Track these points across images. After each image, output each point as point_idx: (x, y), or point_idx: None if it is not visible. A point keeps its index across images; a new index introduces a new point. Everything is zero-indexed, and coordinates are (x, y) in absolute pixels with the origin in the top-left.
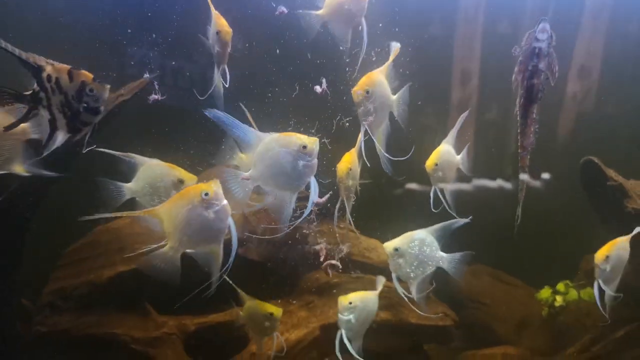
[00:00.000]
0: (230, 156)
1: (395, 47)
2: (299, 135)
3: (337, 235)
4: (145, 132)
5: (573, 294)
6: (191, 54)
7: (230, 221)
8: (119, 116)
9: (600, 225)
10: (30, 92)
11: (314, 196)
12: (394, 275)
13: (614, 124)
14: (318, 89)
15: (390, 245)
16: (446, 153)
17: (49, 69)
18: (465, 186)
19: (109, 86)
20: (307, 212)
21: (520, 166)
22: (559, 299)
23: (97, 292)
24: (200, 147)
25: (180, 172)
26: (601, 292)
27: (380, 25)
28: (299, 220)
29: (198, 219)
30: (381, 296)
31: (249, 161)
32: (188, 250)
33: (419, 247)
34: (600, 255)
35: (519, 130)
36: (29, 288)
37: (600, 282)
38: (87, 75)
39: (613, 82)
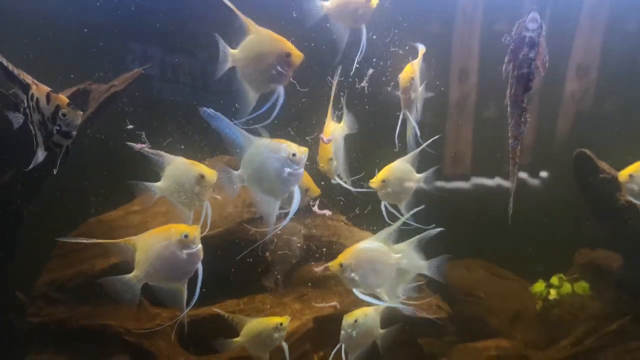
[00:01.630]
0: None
1: (421, 48)
2: (289, 143)
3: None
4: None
5: (567, 287)
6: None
7: (200, 267)
8: (111, 107)
9: (593, 218)
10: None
11: (295, 206)
12: (355, 291)
13: (612, 122)
14: (324, 138)
15: (335, 263)
16: (399, 170)
17: (33, 88)
18: (463, 184)
19: (81, 112)
20: (286, 221)
21: (511, 157)
22: (552, 293)
23: (90, 284)
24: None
25: (201, 168)
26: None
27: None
28: (279, 226)
29: (170, 257)
30: None
31: None
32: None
33: (368, 257)
34: (623, 174)
35: (509, 121)
36: (23, 279)
37: (632, 198)
38: (62, 99)
39: (611, 80)
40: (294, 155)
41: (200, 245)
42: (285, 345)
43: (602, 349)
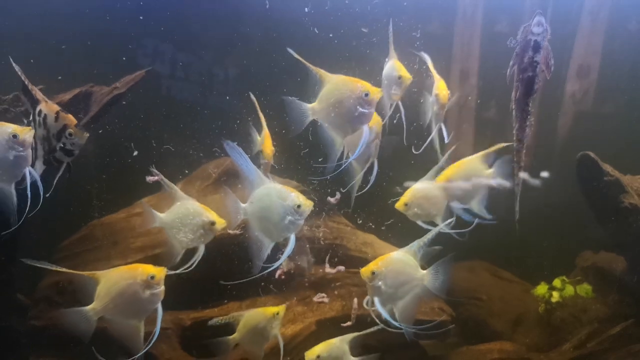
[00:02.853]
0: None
1: (427, 59)
2: (298, 194)
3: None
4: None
5: (569, 290)
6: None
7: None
8: (113, 109)
9: (596, 221)
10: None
11: (287, 252)
12: (376, 300)
13: (613, 122)
14: (331, 200)
15: (367, 269)
16: (421, 191)
17: (42, 105)
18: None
19: (87, 134)
20: (277, 263)
21: (516, 160)
22: (555, 295)
23: None
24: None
25: (212, 215)
26: None
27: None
28: (270, 268)
29: (133, 295)
30: None
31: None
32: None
33: (398, 268)
34: None
35: (514, 124)
36: (25, 282)
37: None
38: (71, 119)
39: (612, 80)
40: (299, 206)
41: (162, 287)
42: (280, 338)
43: (605, 352)
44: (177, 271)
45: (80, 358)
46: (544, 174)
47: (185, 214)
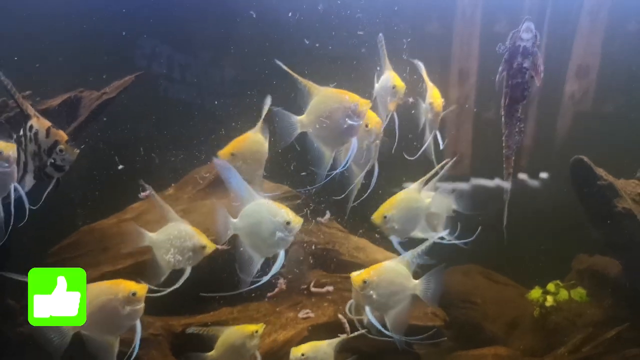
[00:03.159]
0: None
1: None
2: (288, 210)
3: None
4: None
5: (564, 294)
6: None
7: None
8: (102, 114)
9: (590, 224)
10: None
11: (275, 268)
12: (367, 309)
13: (612, 124)
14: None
15: (359, 277)
16: (405, 201)
17: (33, 120)
18: (462, 185)
19: (77, 151)
20: (265, 278)
21: (505, 167)
22: (549, 299)
23: None
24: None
25: (203, 239)
26: None
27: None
28: (257, 284)
29: (112, 310)
30: None
31: None
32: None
33: (390, 277)
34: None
35: (503, 130)
36: (14, 287)
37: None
38: (62, 135)
39: (611, 81)
40: (288, 223)
41: (142, 304)
42: (258, 356)
43: (600, 356)
44: (161, 293)
45: None
46: (542, 175)
47: (176, 235)
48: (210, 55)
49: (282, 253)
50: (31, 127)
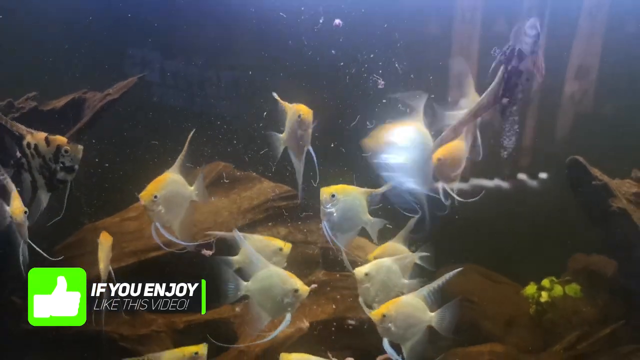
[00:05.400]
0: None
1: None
2: (297, 279)
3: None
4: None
5: (558, 289)
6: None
7: None
8: (106, 115)
9: (587, 224)
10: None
11: (282, 326)
12: (385, 340)
13: (611, 124)
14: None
15: (378, 312)
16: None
17: (28, 137)
18: (463, 185)
19: (81, 147)
20: (273, 335)
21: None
22: (544, 295)
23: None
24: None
25: (277, 242)
26: None
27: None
28: (267, 338)
29: None
30: None
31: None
32: None
33: (408, 311)
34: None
35: (498, 130)
36: (19, 285)
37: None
38: (61, 139)
39: (610, 82)
40: (296, 291)
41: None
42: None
43: (595, 353)
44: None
45: None
46: (543, 175)
47: (255, 248)
48: (213, 61)
49: (288, 315)
50: (29, 144)
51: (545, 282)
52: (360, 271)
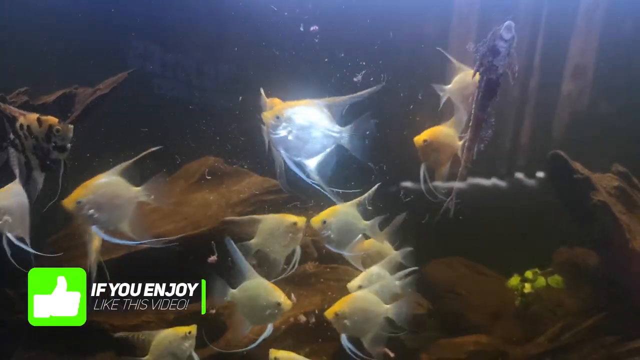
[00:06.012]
0: None
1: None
2: (281, 293)
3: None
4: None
5: (541, 281)
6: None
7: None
8: (96, 111)
9: (568, 217)
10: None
11: (264, 335)
12: (343, 336)
13: (607, 123)
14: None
15: (331, 310)
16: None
17: (21, 119)
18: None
19: (72, 126)
20: (253, 345)
21: (465, 158)
22: (527, 286)
23: None
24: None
25: (291, 217)
26: None
27: None
28: (250, 346)
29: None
30: None
31: None
32: None
33: (363, 306)
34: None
35: (470, 123)
36: (12, 276)
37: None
38: (52, 119)
39: (607, 81)
40: (279, 304)
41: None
42: (195, 356)
43: (578, 344)
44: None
45: (65, 350)
46: (540, 174)
47: (271, 227)
48: (209, 54)
49: (270, 325)
50: (21, 125)
51: (528, 274)
52: (316, 220)
